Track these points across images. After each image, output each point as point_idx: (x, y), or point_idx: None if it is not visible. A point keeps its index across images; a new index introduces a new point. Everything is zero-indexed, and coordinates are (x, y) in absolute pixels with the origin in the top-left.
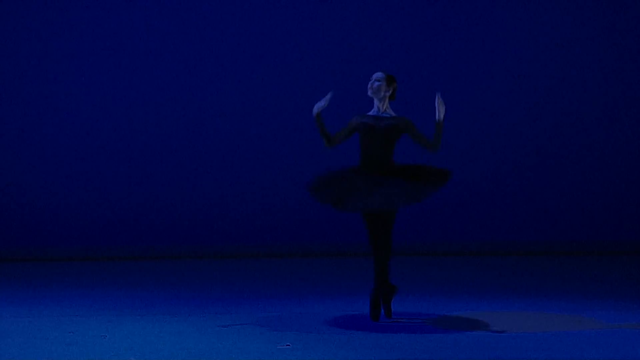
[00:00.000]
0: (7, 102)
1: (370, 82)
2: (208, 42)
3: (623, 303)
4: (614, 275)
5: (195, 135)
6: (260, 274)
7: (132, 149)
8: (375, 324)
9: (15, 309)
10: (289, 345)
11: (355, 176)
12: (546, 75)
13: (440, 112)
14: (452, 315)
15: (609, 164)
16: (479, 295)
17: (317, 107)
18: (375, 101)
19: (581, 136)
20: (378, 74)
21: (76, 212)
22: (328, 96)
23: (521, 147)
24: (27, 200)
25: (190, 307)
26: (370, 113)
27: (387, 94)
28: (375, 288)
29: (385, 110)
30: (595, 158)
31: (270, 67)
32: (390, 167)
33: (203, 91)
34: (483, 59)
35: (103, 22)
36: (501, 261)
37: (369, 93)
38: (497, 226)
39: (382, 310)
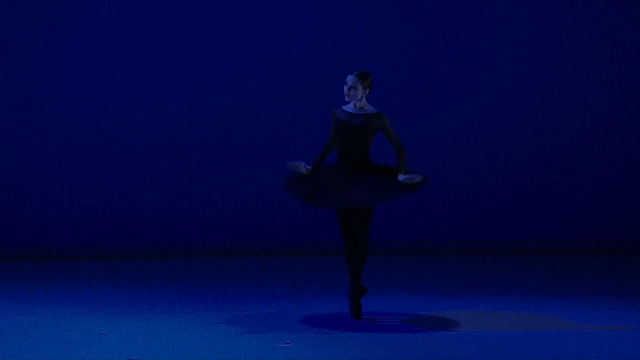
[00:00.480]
0: (6, 100)
1: (345, 88)
2: (203, 44)
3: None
4: (610, 275)
5: (191, 134)
6: (258, 272)
7: (132, 147)
8: (361, 323)
9: (13, 308)
10: (288, 343)
11: (330, 172)
12: (546, 75)
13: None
14: (450, 313)
15: (608, 163)
16: (475, 294)
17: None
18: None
19: (577, 136)
20: (351, 79)
21: (73, 211)
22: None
23: (513, 146)
24: (25, 199)
25: (190, 305)
26: (347, 108)
27: (365, 94)
28: (352, 286)
29: (361, 108)
30: (592, 157)
31: (268, 66)
32: (366, 164)
33: (200, 89)
34: (483, 57)
35: (98, 20)
36: (497, 260)
37: (347, 99)
38: (491, 225)
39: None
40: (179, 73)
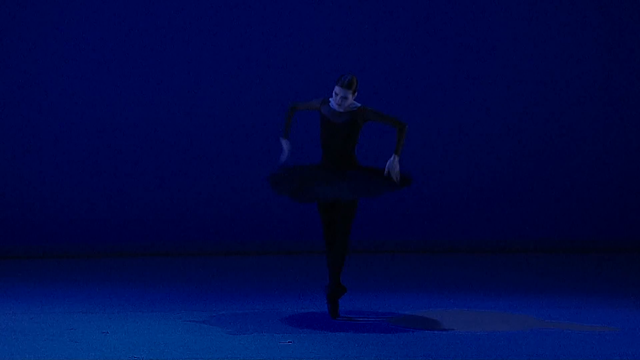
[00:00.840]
0: (6, 98)
1: (337, 98)
2: (200, 44)
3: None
4: (603, 274)
5: (188, 134)
6: (257, 271)
7: (133, 146)
8: (344, 323)
9: (16, 306)
10: (290, 342)
11: (316, 170)
12: (545, 71)
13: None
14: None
15: (604, 161)
16: (467, 293)
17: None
18: None
19: (572, 134)
20: (341, 91)
21: (76, 210)
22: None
23: (505, 145)
24: (27, 198)
25: (192, 304)
26: (332, 105)
27: (353, 98)
28: (330, 284)
29: (346, 106)
30: (588, 155)
31: (268, 66)
32: (351, 162)
33: (196, 88)
34: (483, 56)
35: (92, 18)
36: (488, 259)
37: (337, 108)
38: (483, 224)
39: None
40: (177, 70)
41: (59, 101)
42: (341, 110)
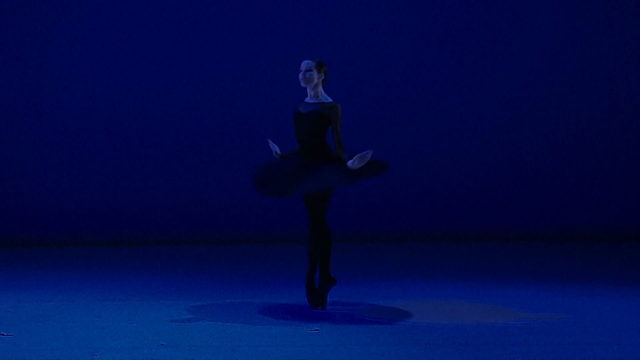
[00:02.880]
0: (6, 96)
1: (300, 73)
2: (201, 43)
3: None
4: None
5: (178, 124)
6: (281, 259)
7: (131, 140)
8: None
9: (41, 294)
10: (317, 330)
11: (288, 161)
12: (548, 65)
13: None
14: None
15: (605, 158)
16: (469, 281)
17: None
18: (308, 89)
19: (573, 126)
20: (307, 63)
21: (110, 200)
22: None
23: (503, 140)
24: (57, 187)
25: (218, 292)
26: (306, 99)
27: (320, 80)
28: (308, 273)
29: (315, 96)
30: (586, 153)
31: (263, 62)
32: (324, 154)
33: (192, 83)
34: (488, 52)
35: (92, 17)
36: (464, 247)
37: (302, 84)
38: (486, 213)
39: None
40: (170, 60)
41: (59, 93)
42: (305, 86)
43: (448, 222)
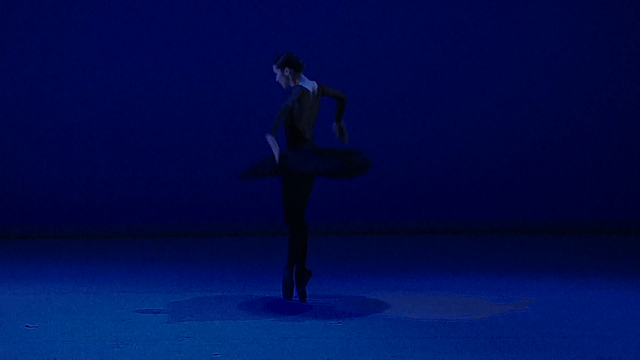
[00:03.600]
0: (5, 94)
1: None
2: (198, 42)
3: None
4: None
5: (173, 122)
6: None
7: (132, 136)
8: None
9: (65, 285)
10: (340, 322)
11: (307, 149)
12: (552, 63)
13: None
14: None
15: (605, 155)
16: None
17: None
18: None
19: (572, 121)
20: (273, 68)
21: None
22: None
23: (501, 135)
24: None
25: (240, 285)
26: None
27: (290, 75)
28: (285, 266)
29: (285, 85)
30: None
31: (260, 59)
32: (287, 141)
33: (190, 79)
34: (491, 45)
35: (90, 17)
36: (489, 240)
37: (284, 87)
38: (486, 206)
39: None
40: (166, 56)
41: (59, 87)
42: (285, 88)
43: (448, 214)
